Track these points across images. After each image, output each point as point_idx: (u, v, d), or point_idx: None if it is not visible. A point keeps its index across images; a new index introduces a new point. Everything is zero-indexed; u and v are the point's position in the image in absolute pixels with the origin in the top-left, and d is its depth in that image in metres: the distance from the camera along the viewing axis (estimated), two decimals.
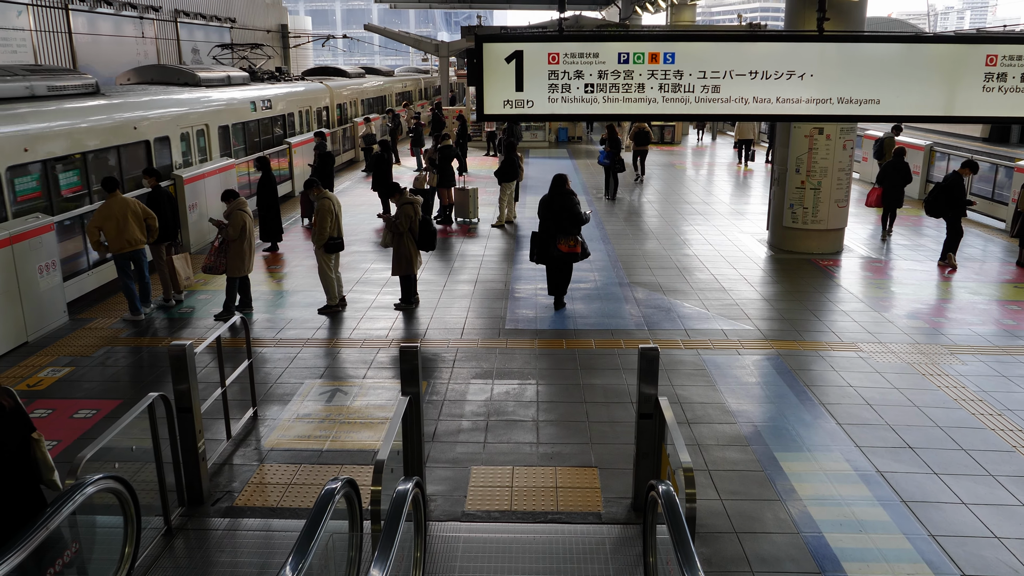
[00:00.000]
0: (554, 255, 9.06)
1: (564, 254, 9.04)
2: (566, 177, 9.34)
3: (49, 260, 8.76)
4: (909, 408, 6.64)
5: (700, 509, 5.06)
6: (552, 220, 9.01)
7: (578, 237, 9.08)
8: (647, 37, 4.51)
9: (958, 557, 4.61)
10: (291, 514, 5.06)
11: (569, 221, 8.97)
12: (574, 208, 9.04)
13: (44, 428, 6.05)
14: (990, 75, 4.53)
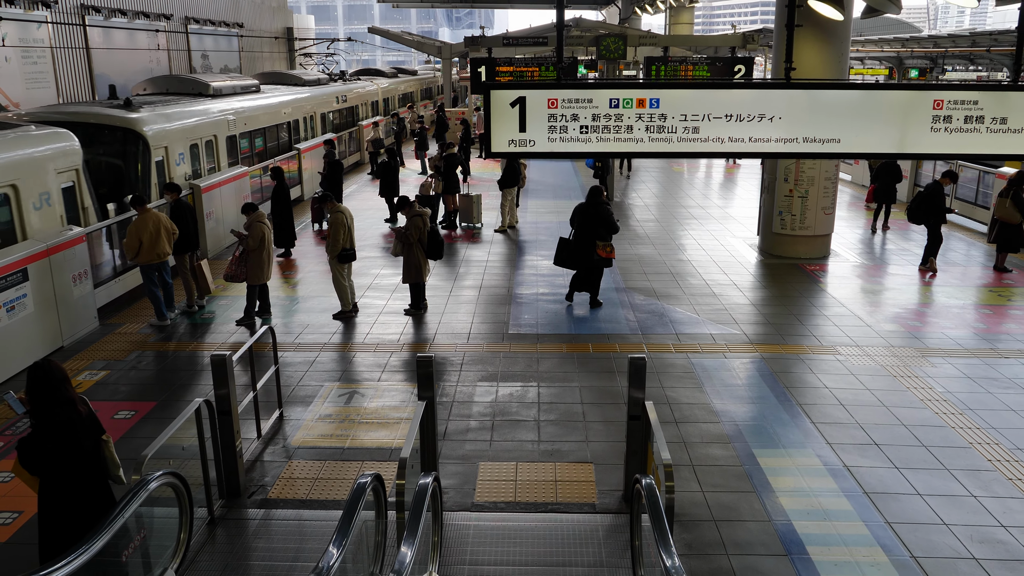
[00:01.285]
0: (594, 260, 9.92)
1: (602, 259, 9.91)
2: (602, 188, 10.19)
3: (81, 269, 9.39)
4: (878, 408, 7.25)
5: (684, 500, 5.69)
6: (588, 228, 9.82)
7: (612, 243, 9.97)
8: (635, 86, 5.09)
9: (909, 541, 5.23)
10: (319, 505, 5.69)
11: (604, 229, 9.81)
12: (609, 217, 9.89)
13: None
14: (937, 117, 5.12)
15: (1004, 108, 5.09)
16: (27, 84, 15.42)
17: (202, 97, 15.05)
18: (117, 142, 11.70)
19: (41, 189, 9.16)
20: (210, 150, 14.04)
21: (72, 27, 16.93)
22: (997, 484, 5.97)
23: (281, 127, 17.73)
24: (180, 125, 13.01)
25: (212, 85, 15.60)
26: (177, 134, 12.79)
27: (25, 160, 9.06)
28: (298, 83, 20.67)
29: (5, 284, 8.03)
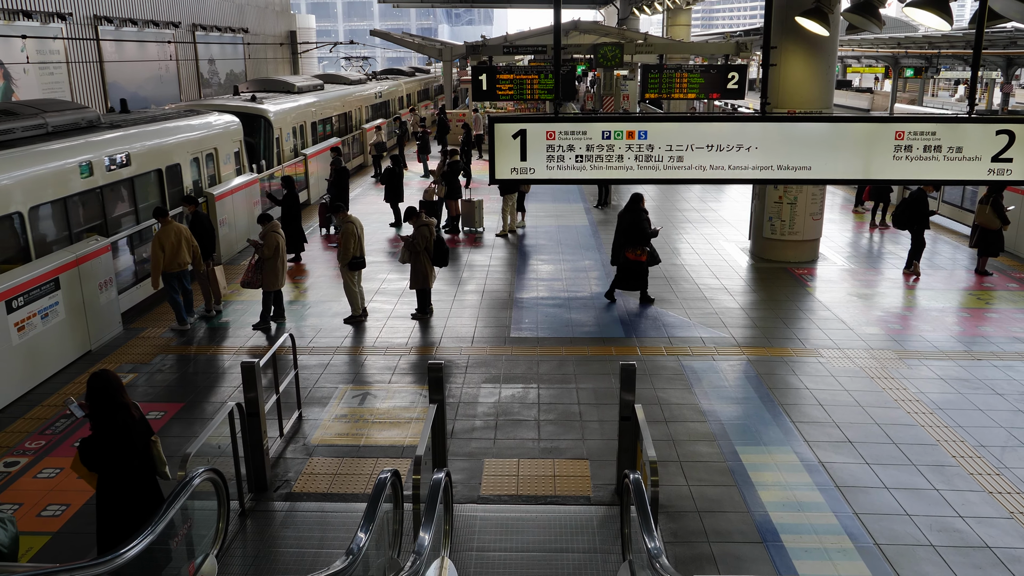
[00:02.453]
0: (621, 262, 10.81)
1: (631, 262, 10.78)
2: (642, 196, 10.91)
3: (107, 277, 9.94)
4: (854, 408, 7.81)
5: (671, 493, 6.25)
6: (622, 233, 10.72)
7: (645, 248, 10.79)
8: (625, 119, 5.62)
9: (874, 530, 5.78)
10: (339, 499, 6.24)
11: (636, 234, 10.65)
12: (641, 224, 10.73)
13: None
14: (899, 147, 5.65)
15: (959, 138, 5.63)
16: (44, 93, 15.94)
17: (290, 93, 20.46)
18: (253, 123, 16.96)
19: (226, 151, 14.75)
20: (303, 132, 19.58)
21: (86, 35, 17.44)
22: (959, 478, 6.52)
23: (341, 116, 23.41)
24: (287, 113, 18.62)
25: (296, 85, 21.25)
26: (286, 119, 18.45)
27: (220, 133, 14.61)
28: (347, 82, 26.56)
29: (40, 293, 8.58)
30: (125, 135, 11.62)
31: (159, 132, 12.57)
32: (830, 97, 12.76)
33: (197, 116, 14.49)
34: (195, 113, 14.84)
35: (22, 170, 9.18)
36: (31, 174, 9.29)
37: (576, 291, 11.70)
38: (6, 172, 8.88)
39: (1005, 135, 5.60)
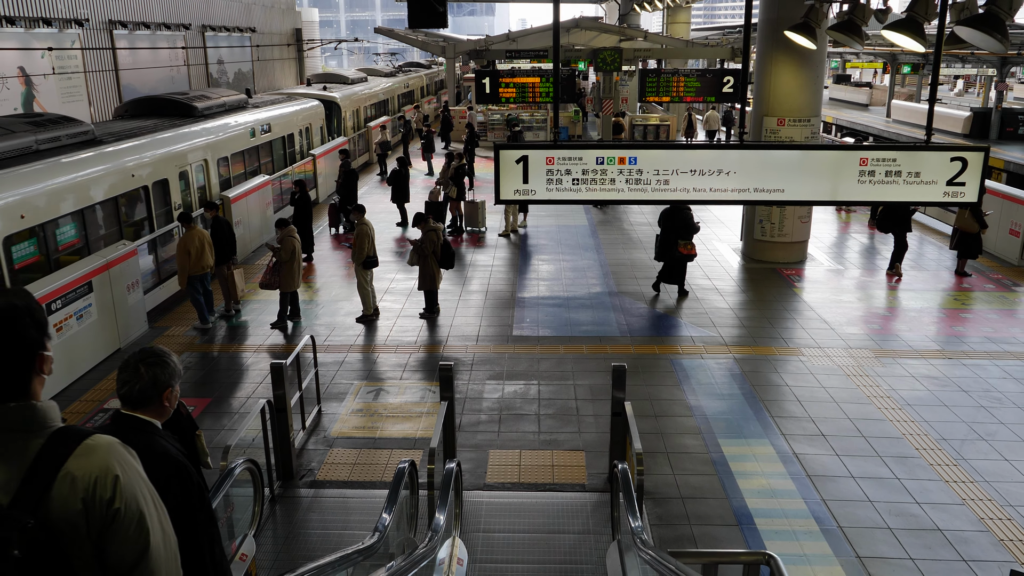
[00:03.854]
0: (675, 256, 11.63)
1: (683, 255, 11.65)
2: None
3: (134, 279, 10.60)
4: (830, 404, 8.47)
5: (657, 481, 6.92)
6: (671, 229, 11.59)
7: (692, 241, 11.71)
8: (617, 146, 6.25)
9: (838, 515, 6.46)
10: (359, 486, 6.92)
11: (684, 229, 11.56)
12: (689, 220, 11.64)
13: None
14: (863, 171, 6.28)
15: (917, 164, 6.26)
16: (62, 98, 16.55)
17: (346, 84, 26.30)
18: (327, 106, 22.17)
19: (316, 126, 20.50)
20: (359, 115, 25.59)
21: (102, 40, 18.04)
22: (919, 469, 7.19)
23: (382, 103, 29.21)
24: (348, 98, 24.58)
25: (350, 77, 27.24)
26: (348, 103, 24.47)
27: (313, 113, 20.39)
28: (382, 75, 32.60)
29: (75, 296, 9.24)
30: (265, 113, 17.29)
31: (282, 112, 18.24)
32: (818, 105, 13.37)
33: (296, 101, 19.91)
34: (293, 99, 20.29)
35: (224, 134, 14.85)
36: (228, 135, 15.00)
37: (575, 291, 12.35)
38: (214, 134, 14.45)
39: (959, 161, 6.23)
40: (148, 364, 2.75)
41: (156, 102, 15.10)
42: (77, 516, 1.84)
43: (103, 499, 1.87)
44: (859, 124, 32.42)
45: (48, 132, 10.65)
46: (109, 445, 1.94)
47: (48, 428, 1.91)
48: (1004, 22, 7.55)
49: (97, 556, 1.89)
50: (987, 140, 28.38)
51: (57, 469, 1.84)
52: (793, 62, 12.82)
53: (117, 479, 1.89)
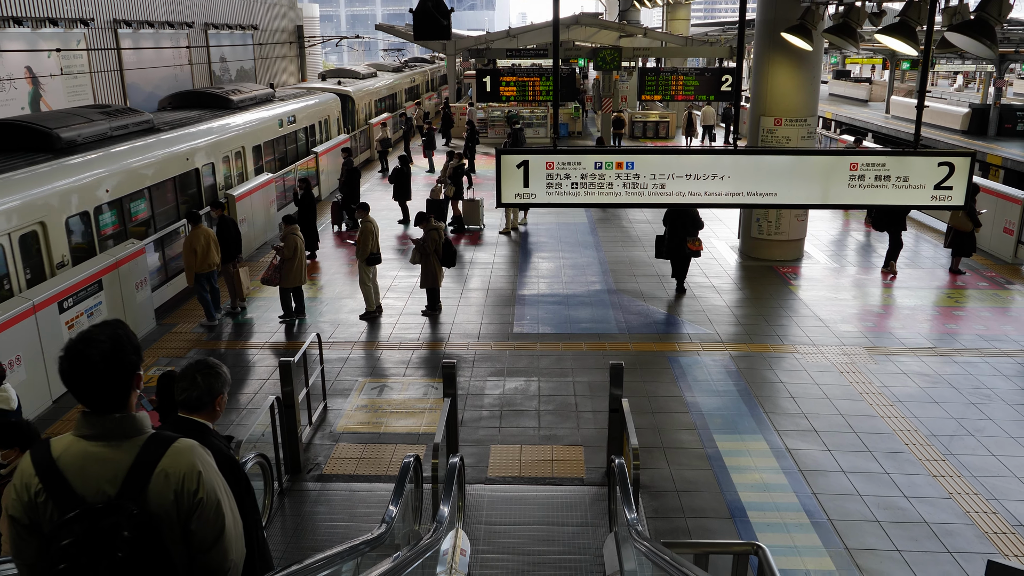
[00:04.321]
0: (686, 253, 11.93)
1: (692, 251, 11.97)
2: None
3: (142, 277, 10.81)
4: (822, 400, 8.69)
5: (654, 476, 7.14)
6: (680, 227, 11.85)
7: (699, 238, 12.03)
8: (615, 151, 6.44)
9: (828, 508, 6.68)
10: (365, 480, 7.14)
11: (693, 226, 11.83)
12: (697, 217, 11.98)
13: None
14: (853, 176, 6.47)
15: (906, 169, 6.45)
16: (68, 97, 16.74)
17: (358, 79, 27.97)
18: (342, 101, 23.59)
19: (334, 117, 22.03)
20: (369, 106, 27.06)
21: (106, 39, 18.22)
22: (908, 464, 7.40)
23: (391, 96, 30.81)
24: (361, 92, 26.09)
25: (361, 72, 29.07)
26: (361, 97, 26.01)
27: (330, 105, 21.89)
28: (390, 70, 34.19)
29: (86, 294, 9.46)
30: (290, 105, 18.94)
31: (304, 104, 19.87)
32: (815, 105, 13.55)
33: (315, 95, 21.45)
34: (312, 92, 21.87)
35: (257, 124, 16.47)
36: (261, 125, 16.59)
37: (574, 288, 12.56)
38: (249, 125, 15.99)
39: (946, 166, 6.43)
40: (203, 374, 3.23)
41: (197, 95, 16.92)
42: (170, 505, 2.28)
43: (190, 491, 2.30)
44: (858, 120, 32.55)
45: (118, 120, 12.28)
46: (192, 447, 2.33)
47: (144, 434, 2.35)
48: (994, 28, 7.75)
49: (184, 536, 2.28)
50: (986, 137, 28.52)
51: (153, 467, 2.28)
52: (790, 63, 13.00)
53: (200, 475, 2.33)
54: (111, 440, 2.30)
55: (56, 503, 2.24)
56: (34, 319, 8.48)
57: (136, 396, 2.40)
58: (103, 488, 2.25)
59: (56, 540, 2.16)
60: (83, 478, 2.26)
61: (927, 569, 5.91)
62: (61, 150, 10.52)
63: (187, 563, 2.34)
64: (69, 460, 2.28)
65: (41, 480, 2.26)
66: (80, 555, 2.13)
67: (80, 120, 11.47)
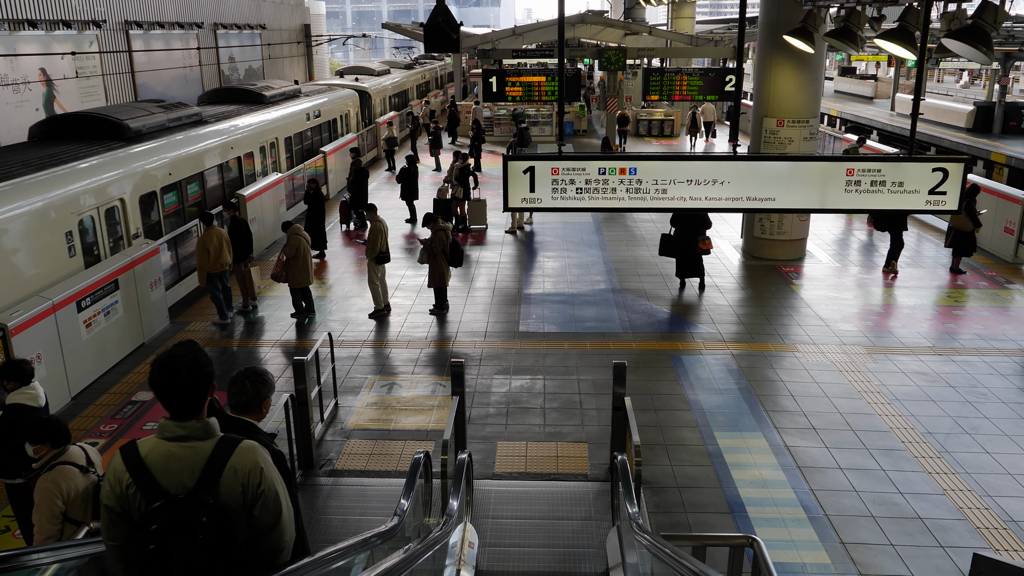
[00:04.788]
0: (696, 252, 12.25)
1: (702, 250, 12.29)
2: None
3: (156, 277, 11.06)
4: (821, 399, 8.88)
5: (656, 471, 7.36)
6: (689, 226, 12.15)
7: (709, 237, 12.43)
8: (618, 157, 6.65)
9: (825, 504, 6.88)
10: (376, 475, 7.37)
11: (701, 225, 12.14)
12: (706, 217, 12.28)
13: None
14: (850, 181, 6.66)
15: (901, 175, 6.64)
16: (81, 98, 16.99)
17: (373, 76, 29.35)
18: (359, 96, 24.90)
19: (353, 112, 23.53)
20: (386, 103, 28.44)
21: (118, 40, 18.48)
22: (904, 461, 7.60)
23: (404, 92, 32.41)
24: (376, 88, 27.35)
25: (376, 70, 30.54)
26: (377, 93, 27.32)
27: (349, 101, 23.38)
28: (401, 67, 36.08)
29: (103, 294, 9.70)
30: (316, 100, 20.49)
31: (327, 99, 21.47)
32: (817, 107, 13.71)
33: (335, 91, 23.09)
34: (332, 89, 23.50)
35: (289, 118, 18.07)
36: (292, 119, 18.22)
37: (579, 287, 12.77)
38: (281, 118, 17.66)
39: (940, 172, 6.61)
40: (252, 381, 3.69)
41: (233, 92, 18.33)
42: (238, 496, 2.71)
43: (254, 484, 2.73)
44: (863, 118, 32.62)
45: (173, 113, 13.82)
46: (255, 447, 2.75)
47: (215, 436, 2.78)
48: (989, 35, 7.92)
49: (248, 521, 2.69)
50: (990, 134, 28.57)
51: (224, 464, 2.71)
52: (792, 65, 13.16)
53: (262, 470, 2.76)
54: (190, 441, 2.73)
55: (144, 494, 2.66)
56: (54, 318, 8.73)
57: (208, 403, 2.80)
58: (183, 482, 2.67)
59: (145, 525, 2.58)
60: (166, 474, 2.68)
61: (919, 563, 6.11)
62: (130, 139, 12.06)
63: (250, 544, 2.76)
64: (155, 459, 2.71)
65: (131, 475, 2.68)
66: (166, 538, 2.55)
67: (143, 113, 13.10)
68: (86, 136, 11.93)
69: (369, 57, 73.06)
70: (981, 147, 25.09)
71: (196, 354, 2.79)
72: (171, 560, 2.54)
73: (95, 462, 5.11)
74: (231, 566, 2.65)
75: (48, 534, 4.74)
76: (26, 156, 10.46)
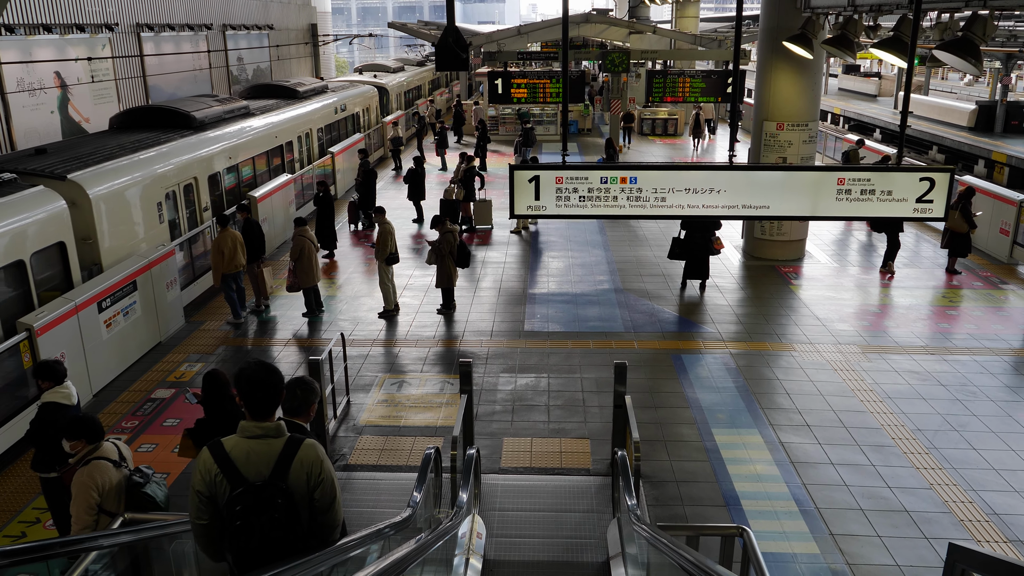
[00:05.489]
0: (708, 254, 12.69)
1: (715, 251, 12.77)
2: None
3: (172, 277, 11.41)
4: (816, 396, 9.20)
5: (655, 467, 7.69)
6: (701, 227, 12.51)
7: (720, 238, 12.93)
8: (619, 167, 6.97)
9: (816, 497, 7.20)
10: (387, 469, 7.71)
11: (712, 226, 12.56)
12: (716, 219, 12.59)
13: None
14: (840, 190, 6.97)
15: (889, 184, 6.94)
16: (94, 101, 17.35)
17: (389, 72, 31.90)
18: (377, 92, 26.79)
19: (373, 106, 25.75)
20: (401, 98, 30.94)
21: (130, 43, 18.83)
22: (893, 457, 7.92)
23: (418, 87, 35.16)
24: (392, 84, 29.94)
25: (391, 67, 32.94)
26: (394, 89, 30.02)
27: (370, 96, 25.55)
28: (414, 64, 37.87)
29: (122, 294, 10.06)
30: (341, 95, 22.71)
31: (351, 94, 23.64)
32: (816, 111, 13.99)
33: (357, 87, 25.02)
34: (354, 85, 25.55)
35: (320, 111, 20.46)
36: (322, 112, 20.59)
37: (583, 287, 13.09)
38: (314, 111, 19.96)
39: (927, 181, 6.91)
40: (302, 389, 4.37)
41: (270, 87, 20.67)
42: (303, 483, 3.34)
43: (316, 473, 3.36)
44: (866, 116, 32.78)
45: (227, 106, 15.93)
46: (316, 444, 3.45)
47: (285, 435, 3.40)
48: (979, 47, 8.21)
49: (308, 504, 3.27)
50: (992, 133, 28.76)
51: (293, 457, 3.34)
52: (792, 70, 13.44)
53: (322, 463, 3.40)
54: (266, 439, 3.35)
55: (229, 482, 3.26)
56: (76, 319, 9.09)
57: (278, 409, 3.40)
58: (261, 471, 3.29)
59: (231, 506, 3.22)
60: (247, 465, 3.30)
61: (904, 553, 6.43)
62: (196, 127, 14.08)
63: (309, 522, 3.40)
64: (237, 453, 3.31)
65: (219, 467, 3.28)
66: (249, 516, 3.20)
67: (204, 105, 15.15)
68: (160, 125, 13.90)
69: (374, 54, 73.36)
70: (983, 146, 25.30)
71: (271, 371, 3.44)
72: (253, 533, 3.19)
73: (126, 457, 5.45)
74: (297, 539, 3.29)
75: (85, 524, 5.08)
76: (118, 141, 12.35)
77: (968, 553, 4.76)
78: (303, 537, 3.35)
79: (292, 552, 3.27)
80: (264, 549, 3.22)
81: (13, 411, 8.10)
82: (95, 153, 11.31)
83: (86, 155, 11.10)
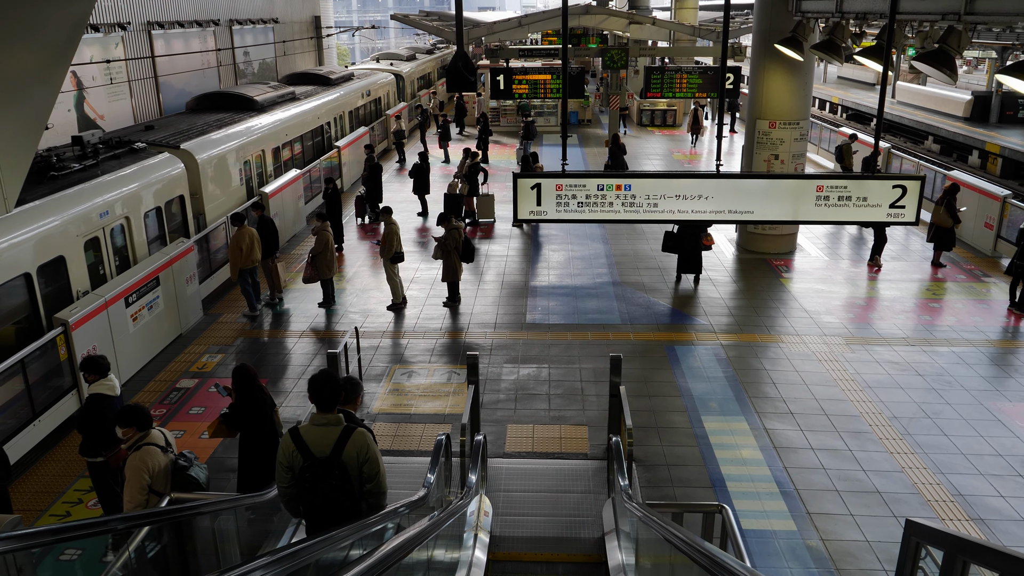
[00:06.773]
0: (699, 247, 13.18)
1: (705, 247, 13.43)
2: None
3: (191, 272, 12.00)
4: (800, 386, 9.81)
5: (647, 451, 8.30)
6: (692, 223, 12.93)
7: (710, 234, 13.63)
8: (615, 176, 7.54)
9: (796, 480, 7.82)
10: (400, 454, 8.33)
11: (704, 224, 12.98)
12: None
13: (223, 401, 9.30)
14: (819, 196, 7.54)
15: (865, 191, 7.51)
16: (108, 99, 17.86)
17: (403, 60, 34.15)
18: (395, 79, 29.55)
19: (393, 91, 28.76)
20: (415, 83, 33.34)
21: (142, 40, 19.33)
22: (870, 442, 8.53)
23: (428, 74, 37.66)
24: (408, 71, 32.25)
25: (404, 56, 35.11)
26: (409, 76, 32.20)
27: (390, 82, 28.59)
28: (425, 52, 40.48)
29: (147, 290, 10.65)
30: (365, 81, 25.34)
31: (374, 81, 26.36)
32: (807, 110, 14.51)
33: (377, 75, 27.75)
34: (374, 72, 28.16)
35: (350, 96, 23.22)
36: (352, 97, 23.34)
37: (582, 280, 13.66)
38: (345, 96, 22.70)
39: (899, 188, 7.48)
40: (351, 384, 5.21)
41: (305, 76, 23.36)
42: (355, 459, 4.47)
43: (363, 452, 4.49)
44: (864, 105, 33.13)
45: (279, 92, 18.87)
46: (364, 432, 4.35)
47: (342, 424, 4.51)
48: (953, 59, 8.75)
49: (358, 474, 4.25)
50: (987, 124, 29.19)
51: (347, 440, 4.45)
52: (784, 70, 13.96)
53: (369, 445, 4.52)
54: (328, 426, 4.49)
55: (303, 456, 4.43)
56: (106, 313, 9.68)
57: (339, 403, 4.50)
58: (324, 450, 4.41)
59: (303, 474, 4.41)
60: (315, 445, 4.44)
61: (874, 530, 7.05)
62: (259, 110, 17.04)
63: (360, 488, 4.51)
64: (308, 436, 4.47)
65: (295, 445, 4.45)
66: (316, 482, 4.37)
67: (260, 91, 18.26)
68: (230, 107, 16.81)
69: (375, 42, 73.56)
70: (977, 137, 25.76)
71: (333, 377, 4.60)
72: (317, 494, 4.38)
73: (171, 443, 6.06)
74: (350, 501, 4.45)
75: (137, 503, 5.70)
76: (202, 120, 15.36)
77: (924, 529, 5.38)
78: (355, 500, 4.46)
79: (347, 509, 4.41)
80: (326, 506, 4.38)
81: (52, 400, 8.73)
82: (191, 128, 14.33)
83: (185, 130, 14.16)
